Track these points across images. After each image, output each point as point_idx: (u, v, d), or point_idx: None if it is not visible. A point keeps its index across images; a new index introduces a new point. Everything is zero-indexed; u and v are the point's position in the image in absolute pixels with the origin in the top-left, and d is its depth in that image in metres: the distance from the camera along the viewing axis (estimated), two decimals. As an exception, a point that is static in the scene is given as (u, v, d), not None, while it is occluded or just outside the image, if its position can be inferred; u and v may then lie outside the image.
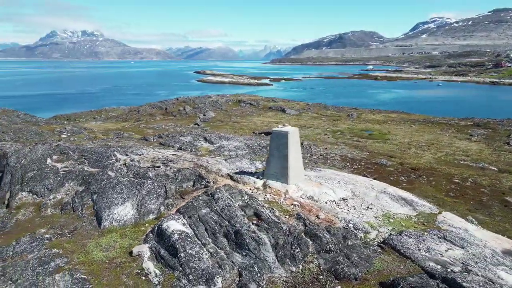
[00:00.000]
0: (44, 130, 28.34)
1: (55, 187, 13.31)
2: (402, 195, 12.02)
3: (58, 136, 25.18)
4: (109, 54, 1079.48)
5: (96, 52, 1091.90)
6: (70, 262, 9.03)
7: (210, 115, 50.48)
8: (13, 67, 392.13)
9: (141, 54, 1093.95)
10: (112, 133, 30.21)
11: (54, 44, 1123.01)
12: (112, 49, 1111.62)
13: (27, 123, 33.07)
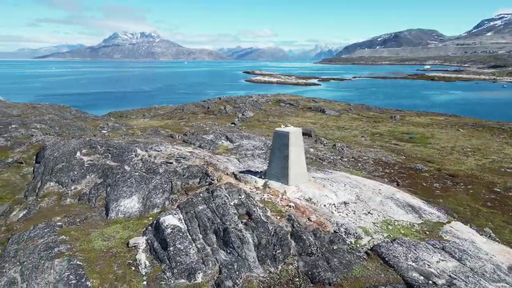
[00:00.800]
0: (89, 125, 30.44)
1: (78, 178, 14.33)
2: (410, 201, 11.36)
3: (98, 132, 26.97)
4: (164, 54, 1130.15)
5: (152, 53, 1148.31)
6: (71, 249, 9.71)
7: (248, 115, 51.04)
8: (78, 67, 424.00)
9: (194, 54, 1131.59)
10: (149, 130, 31.68)
11: (116, 45, 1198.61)
12: (168, 50, 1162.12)
13: (76, 119, 35.70)
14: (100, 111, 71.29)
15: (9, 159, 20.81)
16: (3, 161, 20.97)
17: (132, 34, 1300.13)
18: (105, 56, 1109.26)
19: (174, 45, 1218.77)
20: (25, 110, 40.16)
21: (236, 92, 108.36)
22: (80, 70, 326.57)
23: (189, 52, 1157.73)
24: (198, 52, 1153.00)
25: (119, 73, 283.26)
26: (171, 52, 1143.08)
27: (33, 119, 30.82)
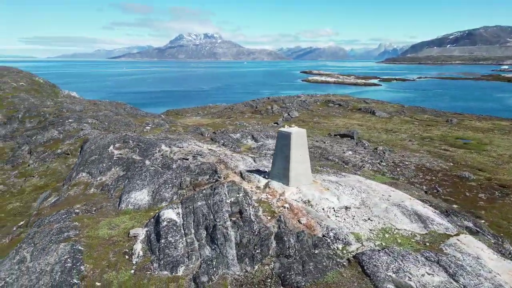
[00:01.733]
0: (136, 122, 32.42)
1: (104, 170, 15.40)
2: (418, 210, 10.53)
3: (143, 127, 28.64)
4: (225, 55, 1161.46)
5: (214, 53, 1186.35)
6: (78, 235, 10.50)
7: (294, 115, 50.67)
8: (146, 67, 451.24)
9: (253, 54, 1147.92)
10: (191, 128, 32.87)
11: (180, 46, 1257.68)
12: (229, 50, 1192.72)
13: (127, 115, 38.15)
14: (160, 108, 75.29)
15: (58, 150, 23.01)
16: (54, 152, 23.25)
17: (196, 35, 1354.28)
18: (170, 56, 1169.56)
19: (235, 46, 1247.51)
20: (87, 106, 43.57)
21: (291, 92, 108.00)
22: (148, 70, 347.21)
23: (249, 52, 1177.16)
24: (258, 52, 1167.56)
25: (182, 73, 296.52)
26: (232, 52, 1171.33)
27: (89, 114, 33.51)
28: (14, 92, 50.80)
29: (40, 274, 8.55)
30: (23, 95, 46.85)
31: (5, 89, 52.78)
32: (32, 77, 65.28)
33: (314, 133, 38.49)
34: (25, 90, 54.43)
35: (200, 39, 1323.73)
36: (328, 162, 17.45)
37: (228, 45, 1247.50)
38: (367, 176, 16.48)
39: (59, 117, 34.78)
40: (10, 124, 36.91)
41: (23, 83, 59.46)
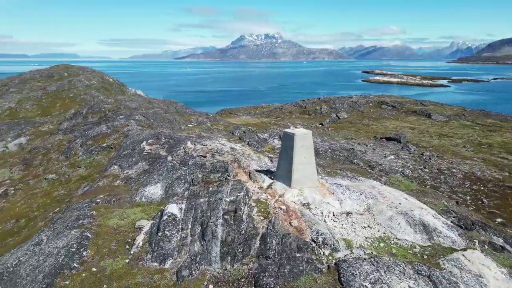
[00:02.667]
0: (181, 119, 33.87)
1: (132, 164, 16.34)
2: (426, 220, 9.74)
3: (184, 125, 29.83)
4: (285, 55, 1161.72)
5: (274, 53, 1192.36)
6: (91, 223, 11.30)
7: (342, 116, 49.23)
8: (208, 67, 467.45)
9: (313, 54, 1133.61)
10: (232, 126, 33.49)
11: (241, 46, 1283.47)
12: (288, 50, 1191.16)
13: (175, 113, 39.94)
14: (216, 107, 77.70)
15: (104, 144, 24.86)
16: (100, 145, 25.16)
17: (257, 36, 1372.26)
18: (232, 57, 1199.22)
19: (295, 46, 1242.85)
20: (142, 104, 46.27)
21: (349, 92, 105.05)
22: (209, 70, 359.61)
23: (309, 52, 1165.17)
24: (318, 52, 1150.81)
25: (240, 73, 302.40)
26: (292, 52, 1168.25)
27: (139, 111, 35.64)
28: (86, 90, 55.71)
29: (47, 256, 9.40)
30: (93, 93, 51.08)
31: (79, 87, 58.05)
32: (103, 76, 70.98)
33: (359, 135, 37.15)
34: (96, 88, 59.38)
35: (261, 39, 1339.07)
36: (351, 166, 16.76)
37: (288, 45, 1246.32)
38: (393, 182, 15.54)
39: (114, 113, 37.52)
40: (75, 119, 40.46)
41: (95, 81, 64.91)
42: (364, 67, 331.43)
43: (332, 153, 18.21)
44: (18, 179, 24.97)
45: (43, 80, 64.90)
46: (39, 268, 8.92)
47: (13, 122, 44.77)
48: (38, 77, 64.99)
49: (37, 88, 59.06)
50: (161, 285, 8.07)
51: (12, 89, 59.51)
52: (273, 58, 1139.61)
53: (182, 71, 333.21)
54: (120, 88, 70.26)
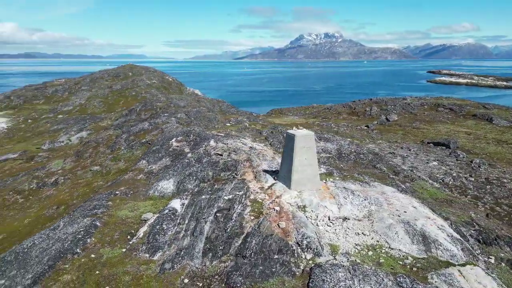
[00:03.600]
0: (222, 118, 34.62)
1: (157, 160, 17.12)
2: (427, 231, 9.08)
3: (222, 124, 30.47)
4: (345, 54, 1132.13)
5: (333, 53, 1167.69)
6: (104, 213, 12.07)
7: (392, 118, 46.89)
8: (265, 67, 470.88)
9: (375, 53, 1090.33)
10: (270, 126, 33.51)
11: (300, 46, 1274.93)
12: (349, 50, 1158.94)
13: (218, 112, 41.04)
14: (267, 107, 78.38)
15: (143, 140, 26.30)
16: (140, 141, 26.63)
17: (316, 35, 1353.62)
18: (289, 57, 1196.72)
19: (355, 45, 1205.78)
20: (190, 103, 48.07)
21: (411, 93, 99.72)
22: (266, 70, 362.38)
23: (370, 51, 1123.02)
24: (380, 51, 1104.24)
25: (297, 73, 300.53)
26: (352, 51, 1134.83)
27: (184, 110, 37.12)
28: (147, 89, 59.29)
29: (56, 240, 10.26)
30: (153, 91, 54.17)
31: (141, 85, 61.94)
32: (163, 76, 74.98)
33: (406, 139, 35.19)
34: (156, 87, 62.95)
35: (320, 38, 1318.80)
36: (372, 170, 15.92)
37: (348, 44, 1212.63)
38: (416, 189, 14.50)
39: (162, 111, 39.49)
40: (130, 116, 43.19)
41: (155, 81, 68.83)
42: (431, 67, 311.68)
43: (356, 156, 17.46)
44: (68, 170, 27.30)
45: (111, 79, 70.27)
46: (47, 251, 9.79)
47: (80, 117, 49.03)
48: (106, 77, 70.53)
49: (104, 86, 64.12)
50: (144, 275, 8.44)
51: (84, 87, 65.21)
52: (332, 57, 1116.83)
53: (240, 71, 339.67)
54: (179, 87, 73.61)
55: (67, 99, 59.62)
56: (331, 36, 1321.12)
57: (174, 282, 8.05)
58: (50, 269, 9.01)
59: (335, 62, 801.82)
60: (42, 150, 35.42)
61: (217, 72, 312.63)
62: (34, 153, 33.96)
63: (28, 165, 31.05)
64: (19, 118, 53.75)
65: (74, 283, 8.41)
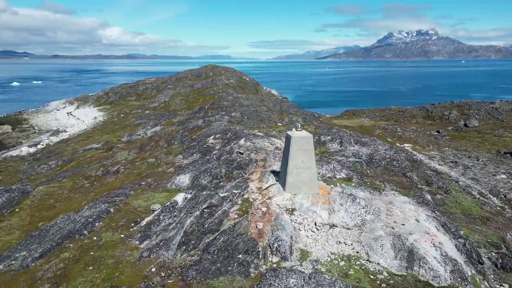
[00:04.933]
0: (277, 118, 34.64)
1: (189, 155, 17.96)
2: (417, 247, 8.51)
3: (273, 123, 30.49)
4: (439, 53, 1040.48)
5: (426, 51, 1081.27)
6: (122, 201, 13.11)
7: (472, 124, 41.97)
8: (348, 67, 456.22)
9: (476, 52, 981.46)
10: (322, 128, 32.54)
11: (388, 45, 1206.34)
12: (444, 48, 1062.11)
13: (277, 112, 41.06)
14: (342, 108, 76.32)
15: (194, 136, 27.66)
16: (191, 137, 28.05)
17: (407, 33, 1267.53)
18: (376, 56, 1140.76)
19: (452, 42, 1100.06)
20: (253, 102, 49.08)
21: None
22: (348, 70, 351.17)
23: (470, 49, 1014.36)
24: (482, 49, 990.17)
25: (383, 73, 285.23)
26: (448, 50, 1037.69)
27: (241, 109, 38.10)
28: (224, 88, 62.24)
29: (71, 222, 11.52)
30: (230, 91, 56.66)
31: (219, 85, 65.19)
32: (241, 76, 77.75)
33: (480, 148, 31.36)
34: (233, 86, 65.64)
35: (412, 36, 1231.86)
36: (399, 179, 14.52)
37: (444, 42, 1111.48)
38: (447, 202, 12.88)
39: (224, 109, 41.07)
40: (199, 113, 45.79)
41: (233, 80, 71.79)
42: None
43: (388, 163, 16.14)
44: (130, 160, 30.01)
45: (193, 78, 75.20)
46: (61, 230, 11.07)
47: (160, 114, 53.37)
48: (190, 76, 75.66)
49: (187, 85, 68.83)
50: (125, 261, 9.07)
51: (169, 86, 70.86)
52: (424, 56, 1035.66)
53: (321, 71, 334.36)
54: (255, 87, 75.45)
55: (154, 96, 65.23)
56: (424, 34, 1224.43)
57: (143, 269, 8.52)
58: (57, 246, 10.22)
59: (427, 62, 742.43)
60: (121, 142, 39.20)
61: (297, 72, 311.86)
62: (114, 144, 37.82)
63: (106, 155, 34.67)
64: (113, 112, 60.51)
65: (69, 261, 9.41)
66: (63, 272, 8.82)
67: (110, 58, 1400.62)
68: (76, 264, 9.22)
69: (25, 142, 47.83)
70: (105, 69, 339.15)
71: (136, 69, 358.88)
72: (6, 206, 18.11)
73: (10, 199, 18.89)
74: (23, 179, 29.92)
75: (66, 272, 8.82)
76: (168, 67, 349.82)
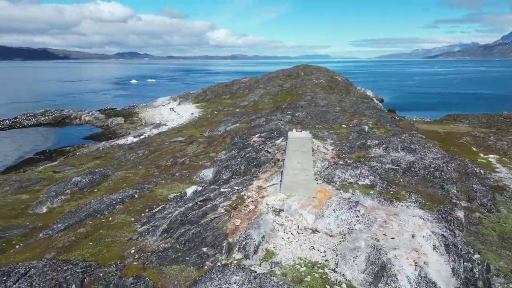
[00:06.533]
0: (345, 119, 33.02)
1: (229, 151, 18.58)
2: (392, 263, 7.76)
3: (338, 125, 29.19)
4: None
5: None
6: (149, 188, 14.28)
7: None
8: (461, 66, 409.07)
9: None
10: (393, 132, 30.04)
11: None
12: None
13: (350, 113, 39.19)
14: (443, 111, 69.60)
15: (251, 132, 28.22)
16: (249, 133, 28.71)
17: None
18: (498, 54, 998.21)
19: None
20: (331, 102, 48.03)
21: None
22: (461, 70, 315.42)
23: None
24: None
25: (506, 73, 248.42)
26: None
27: (311, 109, 37.59)
28: (313, 88, 62.25)
29: (99, 203, 13.07)
30: (318, 91, 56.50)
31: (308, 85, 65.34)
32: (333, 76, 76.46)
33: None
34: (322, 86, 65.12)
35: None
36: (433, 191, 12.70)
37: None
38: (484, 222, 10.89)
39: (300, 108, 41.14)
40: (275, 112, 46.71)
41: (323, 80, 71.12)
42: None
43: (430, 173, 14.25)
44: (196, 154, 32.16)
45: (284, 78, 76.57)
46: (88, 209, 12.67)
47: (245, 112, 55.80)
48: (281, 76, 77.16)
49: (276, 85, 70.43)
50: (118, 241, 9.98)
51: (260, 85, 73.37)
52: None
53: (428, 71, 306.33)
54: (346, 87, 73.27)
55: (246, 95, 68.11)
56: None
57: (125, 250, 9.30)
58: (79, 222, 11.75)
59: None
60: (202, 137, 42.13)
61: (399, 72, 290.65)
62: (195, 139, 40.84)
63: (183, 147, 37.67)
64: (208, 109, 65.06)
65: (81, 235, 10.76)
66: (71, 244, 10.16)
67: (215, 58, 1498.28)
68: (84, 239, 10.51)
69: (132, 132, 54.54)
70: (209, 69, 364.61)
71: (236, 69, 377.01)
72: (87, 186, 21.08)
73: (91, 180, 21.89)
74: (114, 164, 34.21)
75: (73, 244, 10.14)
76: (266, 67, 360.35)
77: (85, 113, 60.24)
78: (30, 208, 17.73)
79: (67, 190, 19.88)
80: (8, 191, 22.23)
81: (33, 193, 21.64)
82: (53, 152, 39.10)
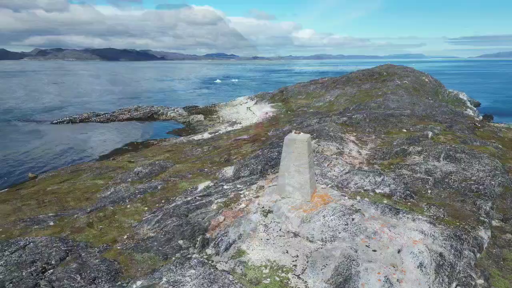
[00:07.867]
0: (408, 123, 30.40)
1: (262, 150, 18.57)
2: (360, 276, 7.30)
3: (398, 129, 26.99)
4: None
5: None
6: (174, 181, 15.04)
7: None
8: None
9: None
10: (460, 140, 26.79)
11: None
12: None
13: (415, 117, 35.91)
14: None
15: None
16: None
17: None
18: None
19: None
20: (402, 105, 45.11)
21: None
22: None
23: None
24: None
25: None
26: None
27: (371, 111, 35.64)
28: (394, 89, 59.02)
29: (125, 191, 14.20)
30: (400, 92, 53.41)
31: (389, 86, 61.95)
32: (420, 76, 71.27)
33: None
34: (405, 87, 61.26)
35: None
36: (462, 205, 10.95)
37: None
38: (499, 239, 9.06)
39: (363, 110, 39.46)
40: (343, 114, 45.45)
41: (407, 81, 66.91)
42: None
43: (466, 186, 12.39)
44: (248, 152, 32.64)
45: (364, 78, 73.63)
46: (113, 197, 13.88)
47: (315, 113, 55.12)
48: (361, 76, 74.06)
49: (355, 85, 68.05)
50: (122, 227, 10.80)
51: (338, 86, 71.58)
52: None
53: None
54: (435, 89, 67.66)
55: (321, 95, 67.05)
56: None
57: (121, 235, 10.02)
58: (102, 207, 12.96)
59: None
60: (266, 136, 42.59)
61: (506, 73, 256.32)
62: (259, 137, 41.42)
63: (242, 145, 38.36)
64: (282, 109, 65.65)
65: (98, 218, 11.86)
66: (86, 226, 11.30)
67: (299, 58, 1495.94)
68: (99, 222, 11.59)
69: (209, 129, 57.47)
70: (292, 69, 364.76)
71: (318, 68, 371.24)
72: (146, 176, 22.96)
73: (151, 171, 23.77)
74: (181, 158, 36.57)
75: (86, 226, 11.27)
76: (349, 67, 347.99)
77: (171, 110, 64.84)
78: (99, 192, 20.05)
79: (128, 179, 21.90)
80: (89, 176, 25.11)
81: (108, 179, 24.22)
82: (140, 144, 42.99)
